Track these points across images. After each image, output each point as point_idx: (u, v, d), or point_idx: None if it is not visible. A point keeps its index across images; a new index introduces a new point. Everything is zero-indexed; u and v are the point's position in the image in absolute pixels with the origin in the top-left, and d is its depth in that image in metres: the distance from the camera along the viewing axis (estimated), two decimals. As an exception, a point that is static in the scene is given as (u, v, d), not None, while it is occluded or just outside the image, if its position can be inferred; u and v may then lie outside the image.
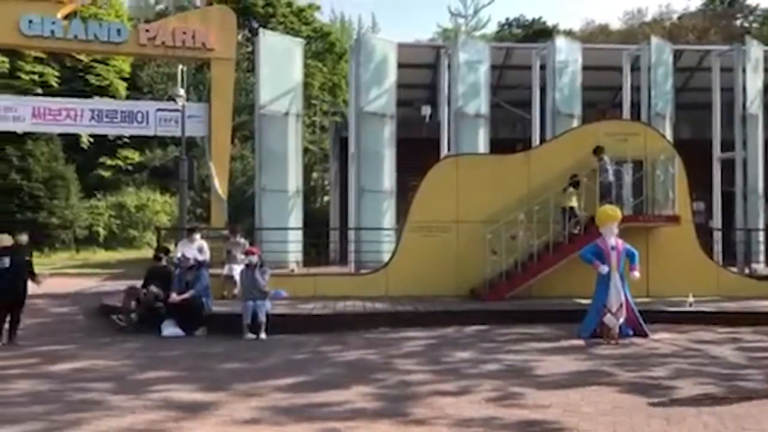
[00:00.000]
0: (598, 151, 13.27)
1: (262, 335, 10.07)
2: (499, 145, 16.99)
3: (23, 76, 29.51)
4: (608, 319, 9.55)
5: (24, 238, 10.62)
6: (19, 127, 22.27)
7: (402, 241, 13.75)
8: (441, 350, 9.11)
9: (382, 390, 6.90)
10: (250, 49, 33.95)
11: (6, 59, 29.16)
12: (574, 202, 13.20)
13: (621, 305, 9.58)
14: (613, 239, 9.89)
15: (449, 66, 18.45)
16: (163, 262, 11.40)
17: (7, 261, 9.84)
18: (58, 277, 19.67)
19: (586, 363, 8.18)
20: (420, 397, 6.53)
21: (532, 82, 19.12)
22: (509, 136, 20.46)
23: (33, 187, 28.61)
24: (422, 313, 11.51)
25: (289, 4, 45.24)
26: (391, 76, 17.04)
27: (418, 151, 16.46)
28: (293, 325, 10.62)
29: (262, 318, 10.17)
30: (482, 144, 17.55)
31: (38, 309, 13.14)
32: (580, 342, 9.59)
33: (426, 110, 21.45)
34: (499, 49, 21.17)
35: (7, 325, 9.77)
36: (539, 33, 40.38)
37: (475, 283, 13.14)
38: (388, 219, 16.43)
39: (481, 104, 17.73)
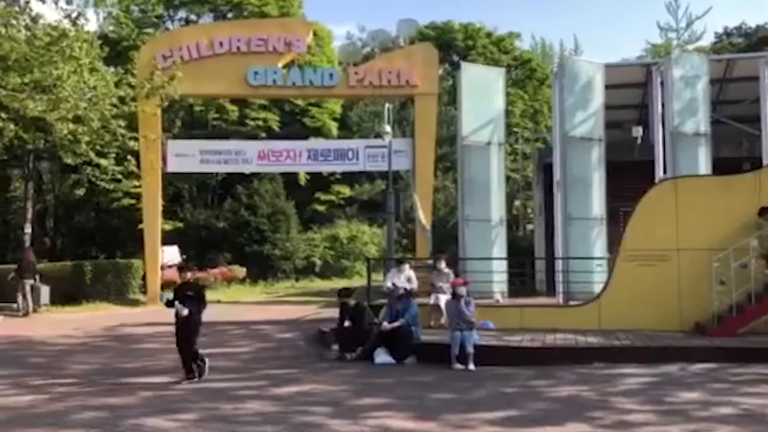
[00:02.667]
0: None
1: (471, 366, 10.01)
2: (722, 165, 15.55)
3: (250, 122, 32.77)
4: None
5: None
6: (247, 169, 24.76)
7: (615, 271, 13.00)
8: (664, 389, 8.41)
9: (599, 429, 6.53)
10: (451, 82, 34.72)
11: (236, 108, 32.62)
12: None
13: None
14: None
15: (662, 83, 17.32)
16: (351, 302, 11.71)
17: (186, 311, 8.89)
18: (280, 305, 21.38)
19: None
20: (644, 440, 6.05)
21: (760, 95, 17.29)
22: (734, 155, 18.64)
23: (259, 221, 31.45)
24: (641, 348, 10.73)
25: (489, 35, 45.67)
26: (598, 98, 16.39)
27: (629, 175, 15.58)
28: (501, 357, 10.43)
29: (470, 349, 10.12)
30: (703, 164, 16.17)
31: (264, 334, 14.34)
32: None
33: (637, 131, 20.27)
34: (718, 61, 19.48)
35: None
36: (764, 41, 36.59)
37: (699, 316, 12.00)
38: (599, 247, 15.67)
39: (700, 122, 16.40)
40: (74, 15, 17.55)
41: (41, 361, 10.87)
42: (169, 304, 9.12)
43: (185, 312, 8.78)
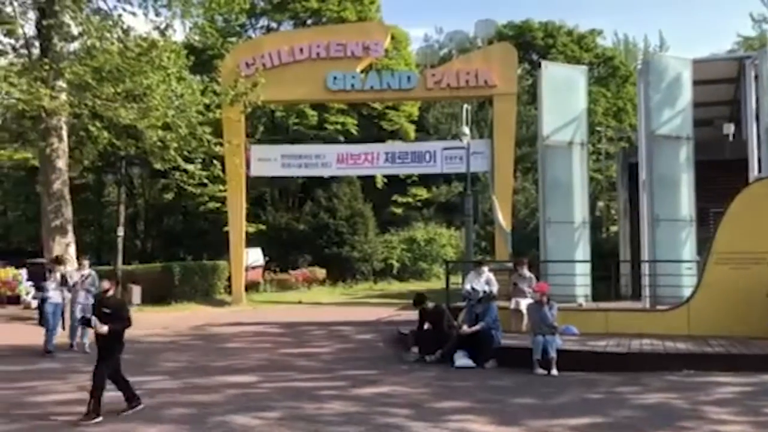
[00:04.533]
0: None
1: (554, 371, 9.81)
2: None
3: (329, 126, 33.27)
4: None
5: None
6: (327, 172, 25.16)
7: (706, 274, 12.43)
8: (761, 399, 7.99)
9: (691, 440, 6.26)
10: (530, 81, 34.17)
11: (315, 113, 33.19)
12: None
13: None
14: None
15: (756, 78, 16.47)
16: (430, 305, 11.65)
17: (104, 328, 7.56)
18: (359, 306, 21.59)
19: None
20: (740, 452, 5.76)
21: None
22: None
23: (338, 224, 31.89)
24: (735, 355, 10.22)
25: (570, 33, 44.70)
26: (686, 95, 15.72)
27: (720, 174, 14.86)
28: (585, 363, 10.16)
29: (553, 354, 9.92)
30: (802, 162, 15.28)
31: (344, 335, 14.51)
32: None
33: (729, 129, 19.36)
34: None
35: None
36: None
37: (800, 323, 11.33)
38: (688, 250, 15.01)
39: (797, 117, 15.50)
40: (163, 26, 18.35)
41: (133, 357, 11.30)
42: (86, 322, 8.43)
43: (104, 329, 7.38)
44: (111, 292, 8.04)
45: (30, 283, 23.28)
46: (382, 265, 33.32)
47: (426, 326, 11.37)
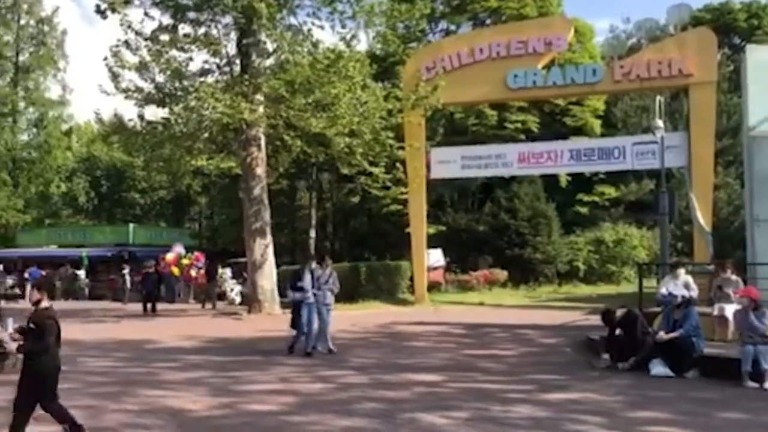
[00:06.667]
0: None
1: (766, 385, 8.86)
2: None
3: (509, 125, 32.75)
4: None
5: None
6: (508, 172, 24.85)
7: None
8: None
9: None
10: (731, 68, 31.26)
11: (495, 112, 32.87)
12: None
13: None
14: None
15: None
16: (618, 313, 10.97)
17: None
18: (544, 310, 21.05)
19: None
20: None
21: None
22: None
23: (519, 225, 31.27)
24: None
25: (777, 11, 40.30)
26: None
27: None
28: (806, 377, 9.06)
29: (766, 366, 8.95)
30: None
31: (529, 338, 14.21)
32: None
33: None
34: None
35: None
36: None
37: None
38: None
39: None
40: (348, 37, 19.22)
41: (326, 352, 11.98)
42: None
43: (11, 346, 6.23)
44: (43, 304, 6.26)
45: (233, 281, 25.52)
46: (567, 267, 32.15)
47: (617, 332, 10.79)
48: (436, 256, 26.53)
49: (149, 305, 21.43)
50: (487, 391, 8.74)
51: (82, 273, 31.22)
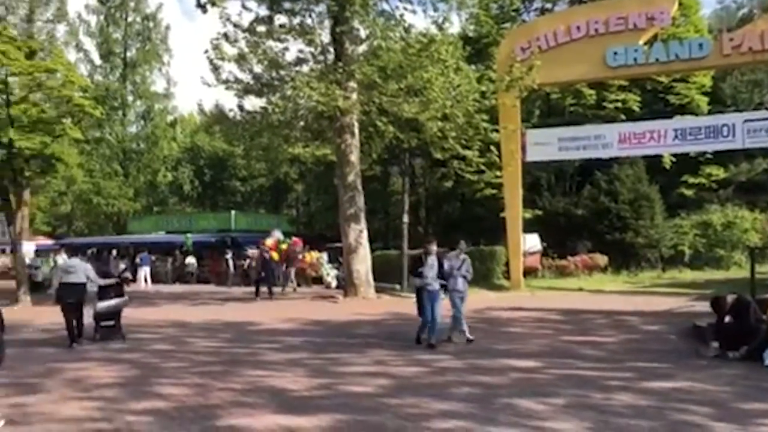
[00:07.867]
0: None
1: None
2: None
3: (608, 105, 31.58)
4: None
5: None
6: (607, 153, 23.99)
7: None
8: None
9: None
10: None
11: (593, 92, 31.77)
12: None
13: None
14: None
15: None
16: (728, 299, 10.33)
17: None
18: (646, 295, 20.26)
19: None
20: None
21: None
22: None
23: (620, 208, 30.17)
24: None
25: None
26: None
27: None
28: None
29: None
30: None
31: (630, 325, 13.73)
32: None
33: None
34: None
35: None
36: None
37: None
38: None
39: None
40: (440, 20, 19.09)
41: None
42: None
43: None
44: None
45: (330, 265, 26.04)
46: (672, 251, 30.76)
47: (727, 319, 10.23)
48: (533, 241, 26.06)
49: (264, 289, 22.05)
50: (586, 378, 8.52)
51: (191, 259, 32.70)
